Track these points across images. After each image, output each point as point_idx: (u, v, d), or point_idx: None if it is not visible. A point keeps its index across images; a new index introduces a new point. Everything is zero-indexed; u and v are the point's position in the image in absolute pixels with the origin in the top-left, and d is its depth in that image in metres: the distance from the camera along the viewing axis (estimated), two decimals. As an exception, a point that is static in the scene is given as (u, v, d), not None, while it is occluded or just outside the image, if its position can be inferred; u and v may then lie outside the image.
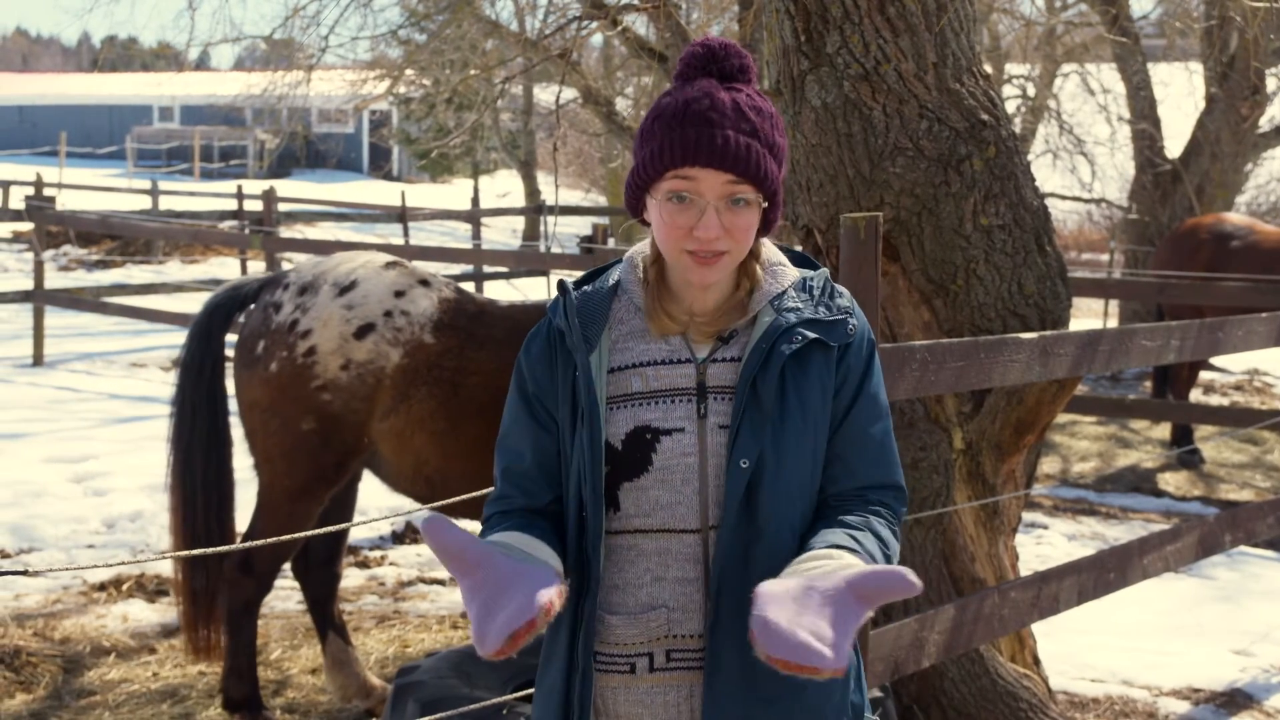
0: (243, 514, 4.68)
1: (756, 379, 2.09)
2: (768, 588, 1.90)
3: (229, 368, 4.89)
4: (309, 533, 3.67)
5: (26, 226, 20.12)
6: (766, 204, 2.11)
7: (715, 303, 2.17)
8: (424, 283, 4.80)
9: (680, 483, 2.11)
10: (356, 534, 7.22)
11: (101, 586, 6.30)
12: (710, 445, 2.10)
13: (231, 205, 21.37)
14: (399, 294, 4.72)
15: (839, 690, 2.16)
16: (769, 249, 2.24)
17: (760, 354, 2.10)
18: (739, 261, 2.13)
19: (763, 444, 2.07)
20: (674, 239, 2.09)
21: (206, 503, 4.81)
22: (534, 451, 2.18)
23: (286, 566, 6.82)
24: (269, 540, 3.15)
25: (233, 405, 4.86)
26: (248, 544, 3.23)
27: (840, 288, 2.23)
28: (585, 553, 2.12)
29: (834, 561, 1.97)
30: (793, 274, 2.20)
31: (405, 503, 7.64)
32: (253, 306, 4.90)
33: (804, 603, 1.87)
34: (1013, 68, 20.79)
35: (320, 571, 5.07)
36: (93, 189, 24.84)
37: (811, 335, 2.12)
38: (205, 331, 4.88)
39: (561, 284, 2.21)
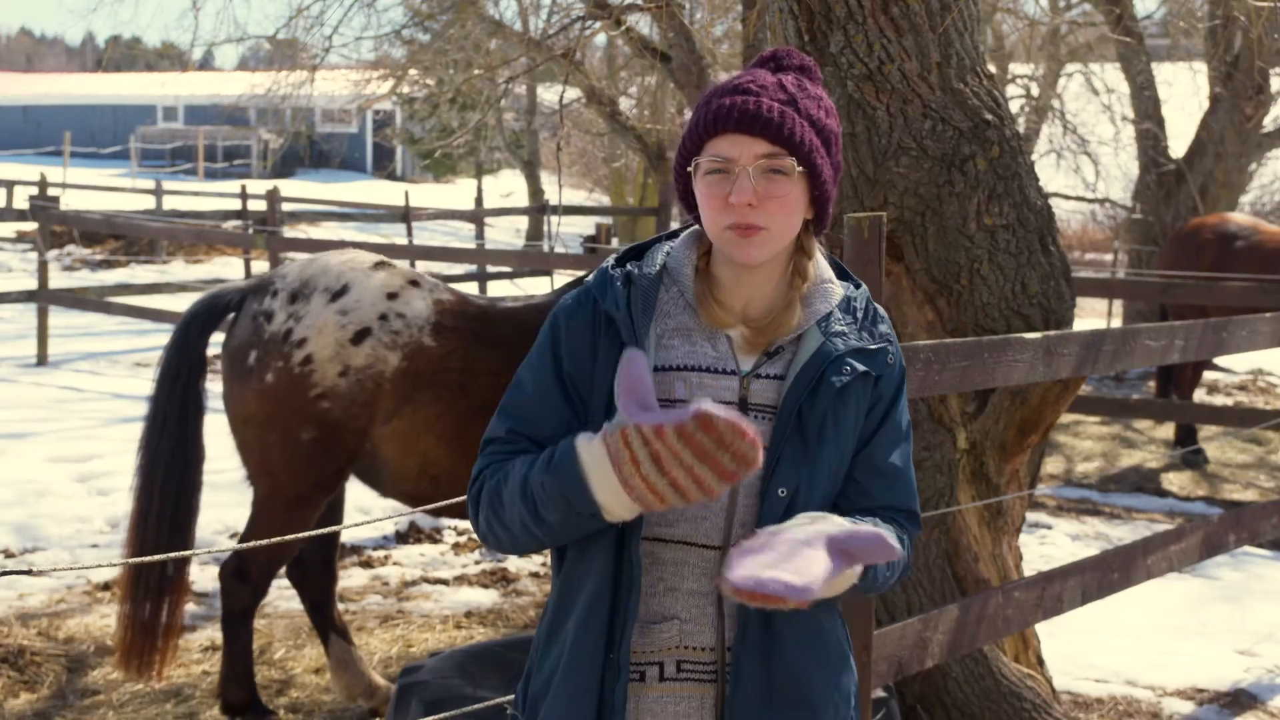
0: (232, 516, 4.63)
1: (803, 407, 2.07)
2: (737, 549, 1.91)
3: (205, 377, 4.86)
4: (302, 535, 3.62)
5: (31, 226, 20.14)
6: (807, 177, 2.06)
7: (768, 299, 2.12)
8: (414, 283, 4.74)
9: None
10: (360, 534, 7.23)
11: (105, 586, 6.31)
12: None
13: (235, 205, 21.41)
14: (391, 296, 4.66)
15: (846, 706, 2.16)
16: (820, 259, 2.20)
17: (808, 380, 2.07)
18: (784, 242, 2.09)
19: (800, 474, 2.06)
20: (714, 213, 2.06)
21: (161, 513, 4.70)
22: (559, 428, 2.09)
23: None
24: (260, 543, 3.13)
25: (212, 418, 4.83)
26: (245, 545, 3.22)
27: (881, 310, 2.21)
28: (629, 551, 2.06)
29: (819, 518, 1.99)
30: (838, 293, 2.16)
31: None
32: (235, 315, 4.79)
33: (771, 544, 1.90)
34: (1017, 67, 20.81)
35: (317, 576, 5.04)
36: (97, 189, 24.85)
37: (861, 368, 2.10)
38: (182, 341, 4.79)
39: (626, 275, 2.13)
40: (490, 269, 19.37)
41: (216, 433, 10.31)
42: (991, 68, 4.45)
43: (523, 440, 2.12)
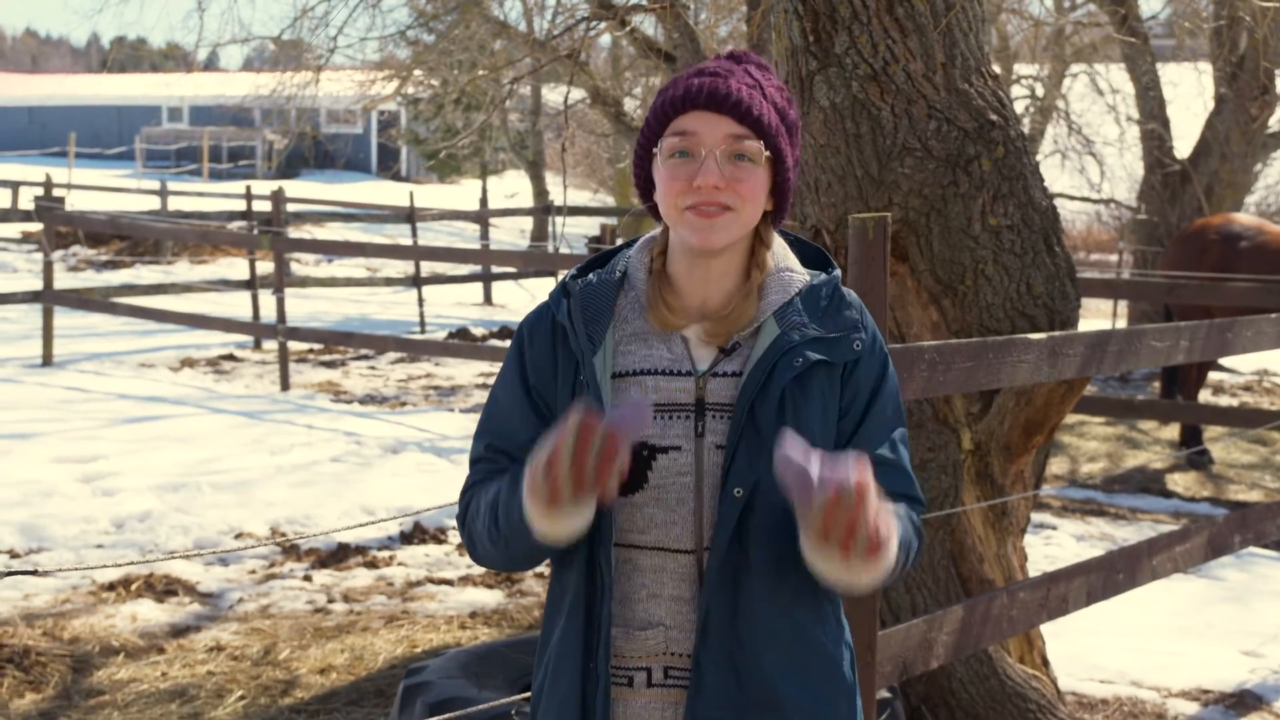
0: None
1: (755, 402, 2.03)
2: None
3: None
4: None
5: (36, 227, 20.14)
6: (772, 163, 2.05)
7: (726, 291, 2.09)
8: None
9: (675, 502, 2.05)
10: (365, 534, 7.23)
11: (110, 586, 6.31)
12: (707, 465, 2.05)
13: (240, 206, 21.41)
14: None
15: (828, 713, 2.11)
16: (782, 250, 2.16)
17: (761, 374, 2.03)
18: (746, 228, 2.06)
19: (758, 472, 2.01)
20: (674, 194, 2.03)
21: None
22: (531, 441, 2.06)
23: (296, 566, 6.84)
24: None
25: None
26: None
27: (850, 295, 2.14)
28: (596, 561, 2.06)
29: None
30: (800, 281, 2.12)
31: (413, 503, 7.65)
32: None
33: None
34: (1021, 68, 20.79)
35: None
36: (101, 189, 24.91)
37: (815, 357, 2.05)
38: None
39: (564, 288, 2.14)
40: (495, 270, 19.39)
41: (220, 433, 10.31)
42: (996, 68, 4.45)
43: (501, 456, 2.14)
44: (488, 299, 19.90)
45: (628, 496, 2.06)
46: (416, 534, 7.37)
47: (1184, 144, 15.32)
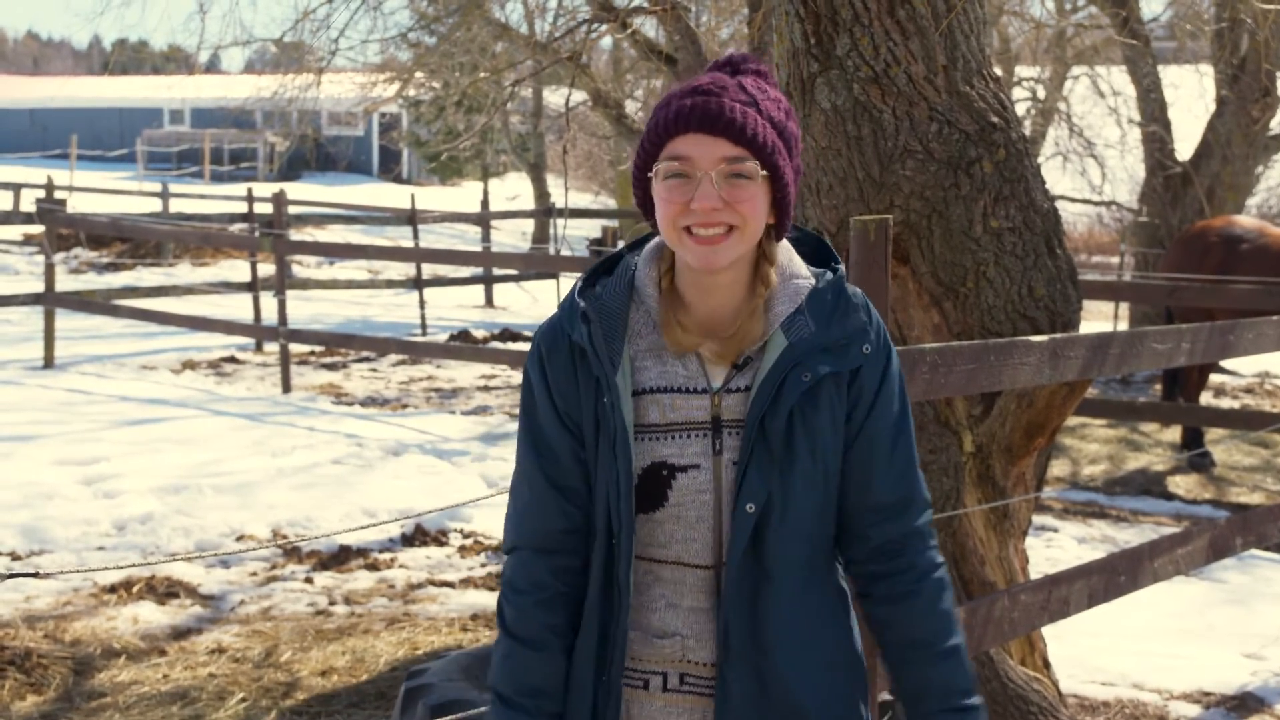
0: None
1: (765, 417, 2.03)
2: None
3: None
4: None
5: (37, 229, 20.14)
6: (770, 180, 2.03)
7: (732, 309, 2.08)
8: None
9: (695, 519, 2.07)
10: (366, 536, 7.23)
11: (112, 588, 6.31)
12: (725, 482, 2.06)
13: (242, 208, 21.41)
14: None
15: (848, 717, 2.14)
16: (787, 256, 2.14)
17: (770, 388, 2.03)
18: (748, 245, 2.04)
19: (770, 487, 2.02)
20: (672, 216, 2.02)
21: None
22: (577, 464, 2.11)
23: (297, 569, 6.85)
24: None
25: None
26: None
27: (855, 293, 2.12)
28: (616, 578, 2.08)
29: None
30: (806, 288, 2.10)
31: (415, 505, 7.65)
32: None
33: None
34: (1023, 70, 20.81)
35: None
36: (103, 192, 24.89)
37: (824, 371, 2.05)
38: None
39: (582, 312, 2.09)
40: (496, 272, 19.40)
41: (222, 435, 10.31)
42: (998, 70, 4.45)
43: (565, 490, 2.12)
44: (489, 301, 19.90)
45: (649, 514, 2.08)
46: (418, 536, 7.37)
47: (1185, 146, 15.31)
